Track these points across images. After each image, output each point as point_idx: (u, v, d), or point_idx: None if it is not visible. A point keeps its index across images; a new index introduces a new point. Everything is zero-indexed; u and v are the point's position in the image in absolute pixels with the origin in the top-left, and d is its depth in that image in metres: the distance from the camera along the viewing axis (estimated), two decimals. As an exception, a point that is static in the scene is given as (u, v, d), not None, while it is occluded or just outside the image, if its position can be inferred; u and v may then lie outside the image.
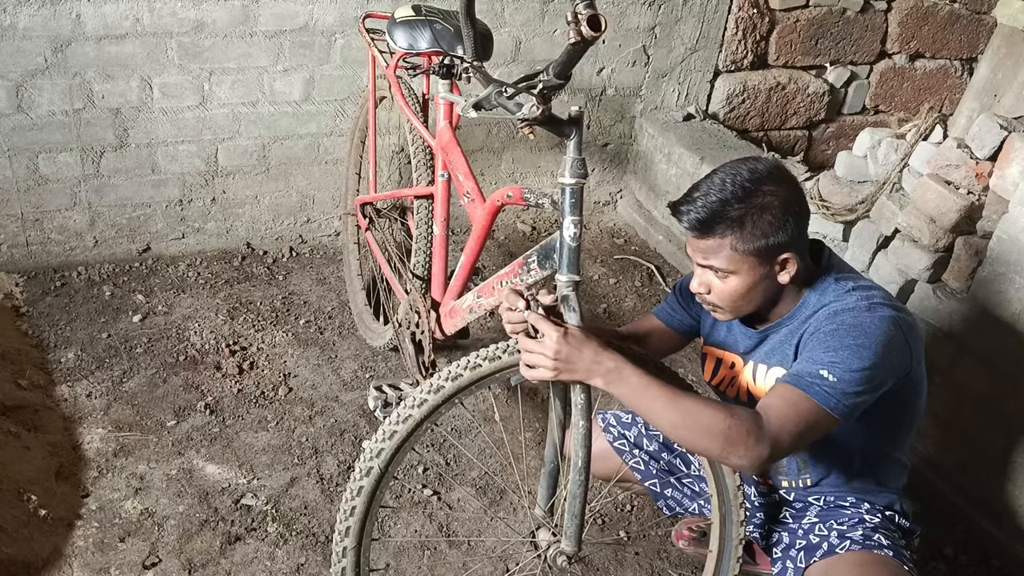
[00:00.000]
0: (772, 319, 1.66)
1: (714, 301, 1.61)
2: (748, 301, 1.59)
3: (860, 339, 1.48)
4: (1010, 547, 2.28)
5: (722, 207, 1.51)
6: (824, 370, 1.46)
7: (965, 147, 2.40)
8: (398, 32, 2.23)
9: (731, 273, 1.55)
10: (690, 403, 1.45)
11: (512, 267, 1.73)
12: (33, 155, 2.86)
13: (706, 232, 1.53)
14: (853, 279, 1.62)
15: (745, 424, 1.42)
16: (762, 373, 1.69)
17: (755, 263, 1.54)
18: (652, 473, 1.95)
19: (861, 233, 2.74)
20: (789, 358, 1.61)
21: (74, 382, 2.54)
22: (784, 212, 1.52)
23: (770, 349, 1.67)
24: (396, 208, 2.77)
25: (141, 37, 2.79)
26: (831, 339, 1.50)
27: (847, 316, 1.52)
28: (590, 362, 1.46)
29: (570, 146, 1.48)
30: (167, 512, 2.16)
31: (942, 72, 4.08)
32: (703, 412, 1.43)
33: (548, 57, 3.30)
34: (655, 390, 1.45)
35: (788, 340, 1.63)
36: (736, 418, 1.42)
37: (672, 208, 1.58)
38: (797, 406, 1.45)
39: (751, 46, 3.65)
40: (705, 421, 1.42)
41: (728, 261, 1.54)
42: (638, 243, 3.67)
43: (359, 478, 1.55)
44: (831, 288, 1.60)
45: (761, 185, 1.52)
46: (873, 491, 1.73)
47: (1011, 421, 2.27)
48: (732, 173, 1.53)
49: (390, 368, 2.75)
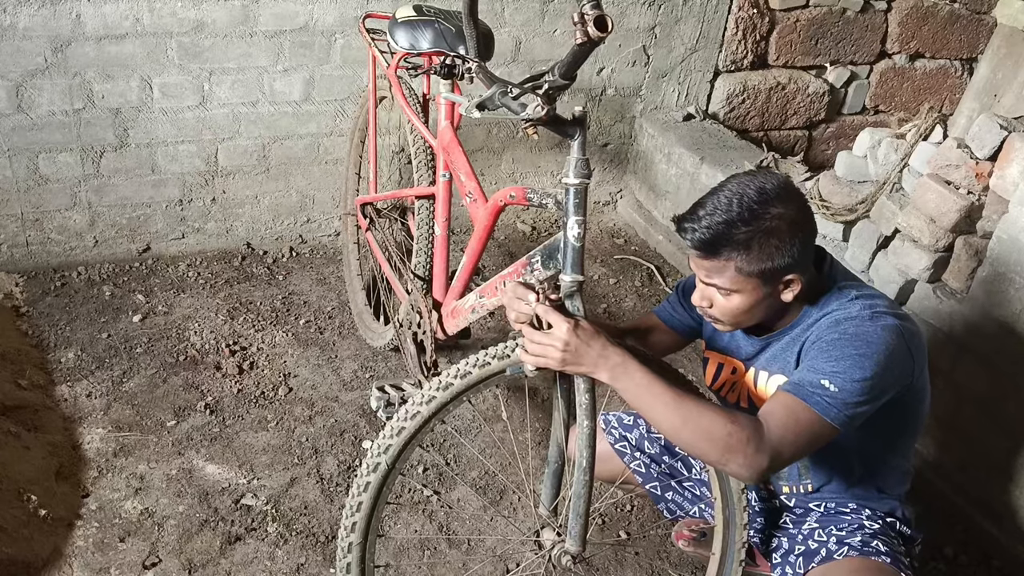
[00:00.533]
0: (775, 328, 1.66)
1: (715, 315, 1.60)
2: (750, 317, 1.59)
3: (862, 348, 1.47)
4: (1010, 547, 2.28)
5: (728, 229, 1.48)
6: (825, 380, 1.46)
7: (965, 147, 2.40)
8: (400, 32, 2.23)
9: (734, 292, 1.54)
10: (692, 405, 1.44)
11: (515, 267, 1.73)
12: (33, 155, 2.85)
13: (710, 253, 1.51)
14: (856, 287, 1.61)
15: (745, 431, 1.41)
16: (764, 380, 1.69)
17: (759, 284, 1.52)
18: (653, 476, 1.95)
19: (861, 233, 2.74)
20: (791, 365, 1.61)
21: (74, 382, 2.53)
22: (791, 235, 1.49)
23: (772, 356, 1.67)
24: (396, 208, 2.77)
25: (141, 37, 2.79)
26: (833, 348, 1.49)
27: (849, 325, 1.51)
28: (597, 355, 1.46)
29: (574, 146, 1.48)
30: (167, 512, 2.16)
31: (942, 72, 4.09)
32: (704, 416, 1.43)
33: (548, 57, 3.31)
34: (658, 388, 1.45)
35: (790, 347, 1.62)
36: (737, 425, 1.42)
37: (677, 224, 1.56)
38: (797, 416, 1.45)
39: (751, 46, 3.66)
40: (706, 425, 1.42)
41: (731, 282, 1.52)
42: (638, 243, 3.67)
43: (366, 474, 1.55)
44: (834, 297, 1.59)
45: (769, 207, 1.49)
46: (874, 497, 1.73)
47: (1011, 421, 2.27)
48: (739, 193, 1.50)
49: (390, 368, 2.75)
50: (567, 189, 1.49)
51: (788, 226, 1.49)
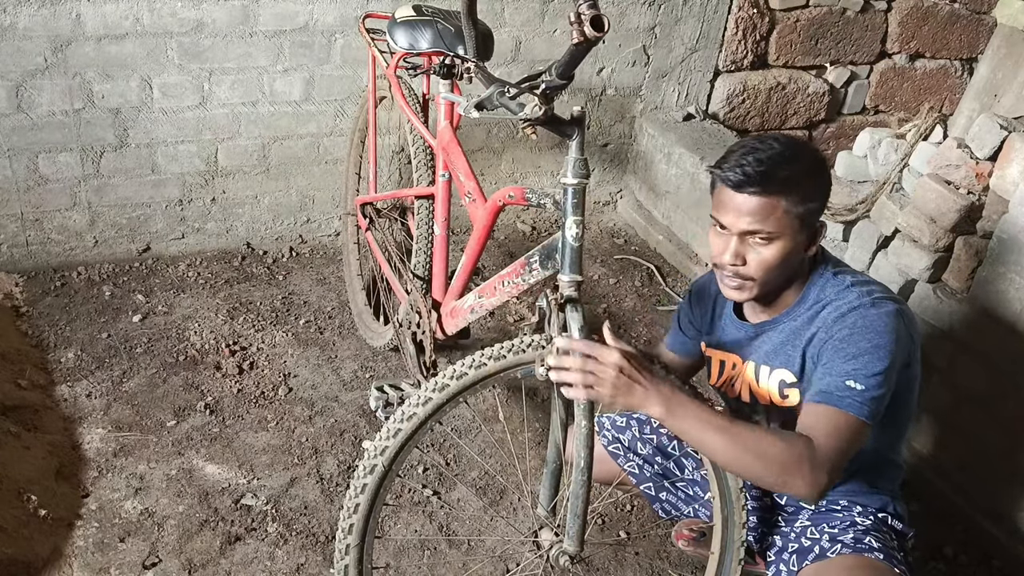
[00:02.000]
0: (772, 310, 1.66)
1: (748, 273, 1.56)
2: (781, 272, 1.57)
3: (874, 339, 1.49)
4: (1010, 547, 2.28)
5: (775, 167, 1.49)
6: (850, 380, 1.47)
7: (965, 147, 2.40)
8: (399, 32, 2.23)
9: (776, 238, 1.52)
10: (746, 433, 1.44)
11: (514, 267, 1.73)
12: (33, 155, 2.85)
13: (763, 189, 1.49)
14: (850, 273, 1.63)
15: (797, 449, 1.42)
16: (765, 374, 1.69)
17: (799, 228, 1.52)
18: (647, 477, 1.96)
19: (861, 233, 2.74)
20: (794, 361, 1.61)
21: (74, 382, 2.53)
22: (823, 176, 1.55)
23: (772, 350, 1.67)
24: (396, 208, 2.77)
25: (141, 37, 2.79)
26: (847, 345, 1.50)
27: (855, 317, 1.52)
28: (648, 388, 1.42)
29: (572, 146, 1.48)
30: (167, 512, 2.16)
31: (942, 72, 4.08)
32: (760, 442, 1.42)
33: (548, 57, 3.30)
34: (712, 420, 1.43)
35: (791, 341, 1.62)
36: (788, 443, 1.42)
37: (720, 166, 1.54)
38: (837, 424, 1.46)
39: (751, 46, 3.65)
40: (762, 451, 1.42)
41: (778, 224, 1.50)
42: (638, 243, 3.67)
43: (363, 475, 1.55)
44: (829, 283, 1.60)
45: (801, 149, 1.54)
46: (865, 493, 1.73)
47: (1011, 421, 2.27)
48: (772, 137, 1.53)
49: (390, 368, 2.75)
50: (565, 189, 1.49)
51: (819, 167, 1.55)
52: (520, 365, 1.55)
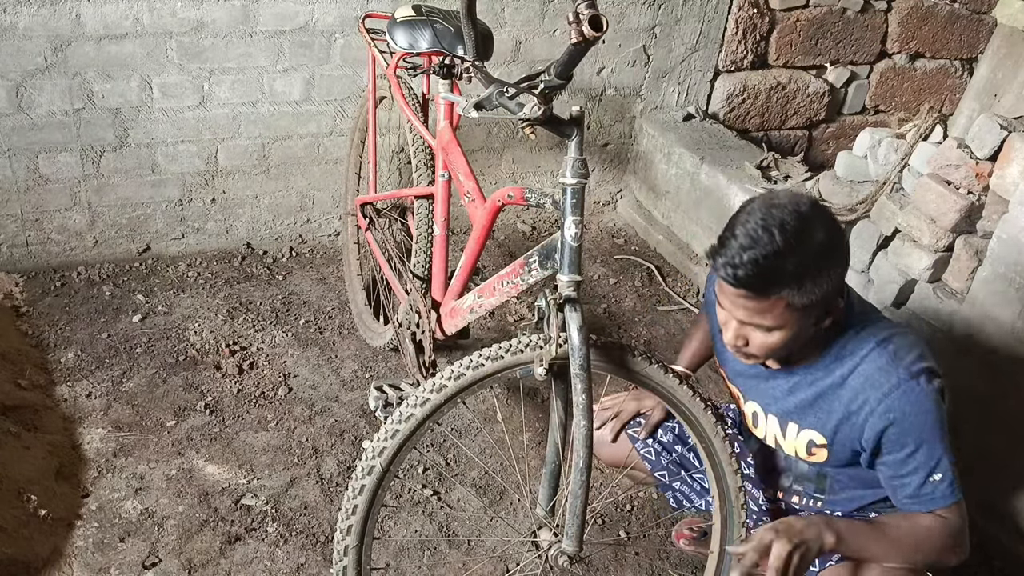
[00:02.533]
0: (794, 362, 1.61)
1: (752, 352, 1.52)
2: (787, 349, 1.52)
3: (929, 422, 1.50)
4: (1011, 547, 2.28)
5: (776, 263, 1.36)
6: (931, 475, 1.51)
7: (965, 147, 2.40)
8: (399, 32, 2.23)
9: (778, 329, 1.44)
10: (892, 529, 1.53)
11: (513, 267, 1.73)
12: (33, 155, 2.85)
13: (759, 293, 1.39)
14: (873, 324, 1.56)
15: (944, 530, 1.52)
16: (792, 432, 1.66)
17: (805, 314, 1.43)
18: (662, 464, 1.95)
19: (861, 233, 2.74)
20: (826, 427, 1.59)
21: (74, 382, 2.53)
22: (836, 259, 1.42)
23: (799, 408, 1.63)
24: (396, 208, 2.77)
25: (141, 37, 2.79)
26: (908, 438, 1.50)
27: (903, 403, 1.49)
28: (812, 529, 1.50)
29: (571, 146, 1.48)
30: (167, 512, 2.16)
31: (942, 72, 4.08)
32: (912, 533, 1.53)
33: (548, 57, 3.30)
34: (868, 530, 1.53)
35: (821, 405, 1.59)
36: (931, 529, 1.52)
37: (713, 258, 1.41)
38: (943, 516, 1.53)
39: (751, 46, 3.65)
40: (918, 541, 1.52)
41: (779, 318, 1.42)
42: (638, 243, 3.67)
43: (361, 477, 1.55)
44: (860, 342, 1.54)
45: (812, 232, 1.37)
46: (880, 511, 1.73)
47: (1012, 421, 2.27)
48: (778, 219, 1.36)
49: (390, 368, 2.75)
50: (564, 189, 1.49)
51: (832, 250, 1.41)
52: (518, 365, 1.55)
